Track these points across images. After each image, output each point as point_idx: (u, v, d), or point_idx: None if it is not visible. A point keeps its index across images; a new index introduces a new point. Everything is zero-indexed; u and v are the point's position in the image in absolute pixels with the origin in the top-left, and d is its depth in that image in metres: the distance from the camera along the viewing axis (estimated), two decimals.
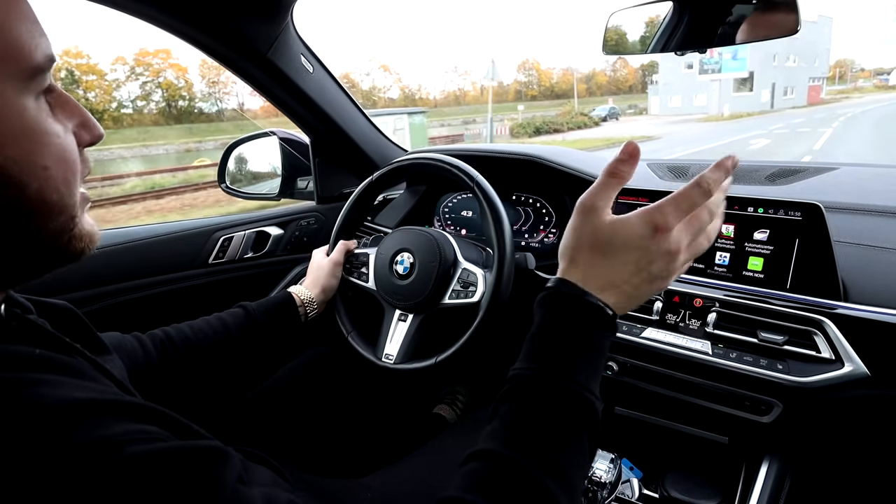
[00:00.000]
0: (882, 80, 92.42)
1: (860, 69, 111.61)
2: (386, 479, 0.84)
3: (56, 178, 0.42)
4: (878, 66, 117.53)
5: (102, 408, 0.39)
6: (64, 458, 0.34)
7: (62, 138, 0.44)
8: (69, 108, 0.46)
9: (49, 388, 0.38)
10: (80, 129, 0.47)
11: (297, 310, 0.99)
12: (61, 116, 0.45)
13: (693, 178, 0.53)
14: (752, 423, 0.91)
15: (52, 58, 0.43)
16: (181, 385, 0.85)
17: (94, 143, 0.49)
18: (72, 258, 0.48)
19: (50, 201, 0.42)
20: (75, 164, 0.45)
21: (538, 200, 1.24)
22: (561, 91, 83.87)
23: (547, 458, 0.47)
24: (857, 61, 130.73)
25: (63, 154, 0.43)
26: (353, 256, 1.09)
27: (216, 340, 0.89)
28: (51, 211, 0.43)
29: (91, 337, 0.60)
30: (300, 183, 1.54)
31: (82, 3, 0.86)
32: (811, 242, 0.84)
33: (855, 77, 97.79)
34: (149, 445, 0.37)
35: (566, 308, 0.54)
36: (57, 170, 0.42)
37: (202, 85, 51.86)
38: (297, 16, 1.15)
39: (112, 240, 1.13)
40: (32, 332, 0.46)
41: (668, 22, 0.94)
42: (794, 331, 0.84)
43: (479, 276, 0.95)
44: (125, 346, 0.79)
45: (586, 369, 0.52)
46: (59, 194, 0.43)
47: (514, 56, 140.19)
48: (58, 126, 0.44)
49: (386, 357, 0.99)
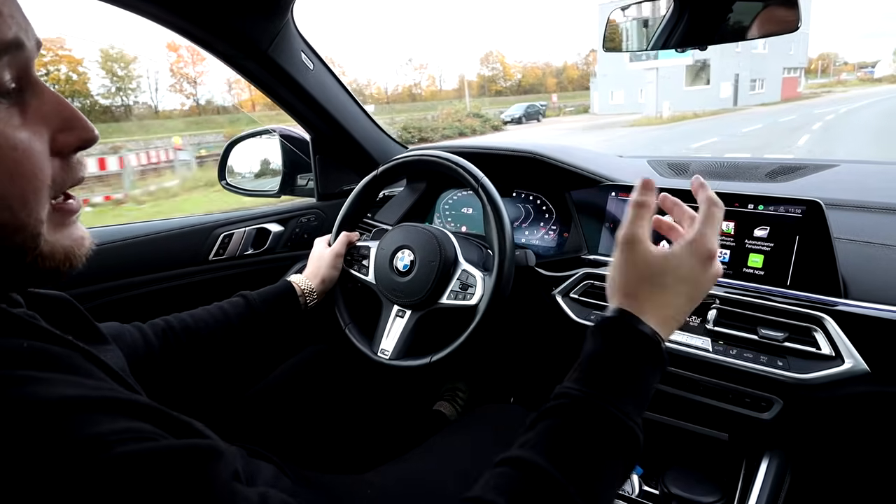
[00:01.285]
0: (867, 72, 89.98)
1: (843, 63, 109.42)
2: (387, 475, 0.84)
3: (6, 197, 0.38)
4: (861, 59, 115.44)
5: (92, 405, 0.37)
6: (52, 457, 0.33)
7: (19, 151, 0.38)
8: (48, 109, 0.41)
9: (38, 385, 0.37)
10: (61, 133, 0.42)
11: (297, 299, 0.99)
12: (35, 121, 0.40)
13: (707, 200, 0.59)
14: (753, 419, 0.91)
15: (8, 43, 0.38)
16: (182, 374, 0.85)
17: (84, 148, 0.44)
18: (47, 276, 0.44)
19: (0, 221, 0.38)
20: (34, 180, 0.40)
21: (539, 197, 1.24)
22: (529, 86, 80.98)
23: (583, 478, 0.48)
24: (841, 55, 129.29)
25: (18, 169, 0.38)
26: (354, 248, 1.10)
27: (217, 329, 0.89)
28: (2, 230, 0.39)
29: (88, 327, 0.59)
30: (300, 180, 1.54)
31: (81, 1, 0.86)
32: (811, 239, 0.84)
33: (838, 70, 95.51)
34: (139, 445, 0.36)
35: (626, 340, 0.55)
36: (7, 187, 0.38)
37: (106, 80, 48.27)
38: (297, 13, 1.15)
39: (112, 236, 1.13)
40: (22, 325, 0.43)
41: (667, 18, 0.94)
42: (795, 327, 0.84)
43: (479, 279, 0.95)
44: (125, 335, 0.78)
45: (635, 400, 0.53)
46: (11, 213, 0.38)
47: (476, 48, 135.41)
48: (19, 135, 0.39)
49: (381, 352, 1.00)
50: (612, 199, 1.07)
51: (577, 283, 1.05)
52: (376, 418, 1.16)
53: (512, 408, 1.08)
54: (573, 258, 1.10)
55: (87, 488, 0.33)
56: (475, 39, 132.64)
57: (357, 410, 1.10)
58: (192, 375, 0.86)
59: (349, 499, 0.78)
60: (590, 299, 1.04)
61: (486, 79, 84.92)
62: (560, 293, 1.06)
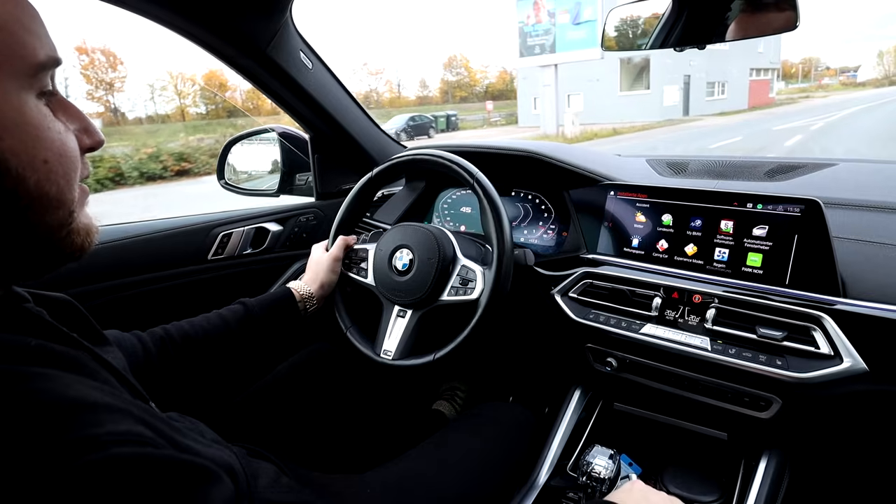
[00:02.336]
0: (850, 76, 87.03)
1: (825, 67, 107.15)
2: (386, 474, 0.84)
3: (56, 172, 0.43)
4: (843, 64, 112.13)
5: (96, 406, 0.39)
6: (52, 453, 0.34)
7: (63, 135, 0.45)
8: (70, 112, 0.48)
9: (44, 382, 0.38)
10: (81, 133, 0.48)
11: (296, 305, 0.99)
12: (63, 119, 0.46)
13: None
14: (751, 418, 0.91)
15: (55, 59, 0.44)
16: (182, 382, 0.85)
17: (95, 149, 0.50)
18: (70, 254, 0.48)
19: (49, 194, 0.43)
20: (75, 161, 0.46)
21: (537, 196, 1.24)
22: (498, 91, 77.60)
23: None
24: (823, 59, 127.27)
25: (63, 150, 0.44)
26: (352, 252, 1.09)
27: (216, 337, 0.89)
28: (49, 204, 0.43)
29: (90, 328, 0.60)
30: (299, 179, 1.53)
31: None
32: (810, 238, 0.84)
33: (820, 75, 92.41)
34: (137, 448, 0.38)
35: None
36: (57, 164, 0.43)
37: None
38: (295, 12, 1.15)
39: (111, 236, 1.12)
40: (30, 322, 0.46)
41: (666, 18, 0.94)
42: (793, 327, 0.84)
43: (478, 273, 0.95)
44: (124, 344, 0.79)
45: None
46: (59, 188, 0.44)
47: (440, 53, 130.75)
48: (59, 124, 0.45)
49: (384, 353, 1.00)
50: (610, 199, 1.07)
51: (575, 282, 1.06)
52: (376, 417, 1.16)
53: (511, 407, 1.08)
54: (572, 257, 1.10)
55: (84, 486, 0.34)
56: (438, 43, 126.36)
57: (357, 410, 1.10)
58: (190, 383, 0.86)
59: (349, 498, 0.78)
60: (588, 298, 1.04)
61: (451, 84, 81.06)
62: (559, 292, 1.07)
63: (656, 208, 1.01)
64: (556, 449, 1.07)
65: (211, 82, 30.10)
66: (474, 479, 0.89)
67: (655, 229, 1.00)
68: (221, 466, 0.45)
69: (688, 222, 0.97)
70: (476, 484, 0.88)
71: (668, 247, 0.99)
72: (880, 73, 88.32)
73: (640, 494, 0.73)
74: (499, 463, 0.95)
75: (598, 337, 1.02)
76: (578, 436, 1.12)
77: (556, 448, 1.07)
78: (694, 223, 0.96)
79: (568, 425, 1.11)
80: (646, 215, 1.02)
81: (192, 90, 28.01)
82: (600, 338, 1.02)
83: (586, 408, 1.16)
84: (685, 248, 0.97)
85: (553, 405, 1.19)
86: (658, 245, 1.00)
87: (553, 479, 1.03)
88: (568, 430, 1.11)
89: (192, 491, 0.39)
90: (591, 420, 1.15)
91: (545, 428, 1.12)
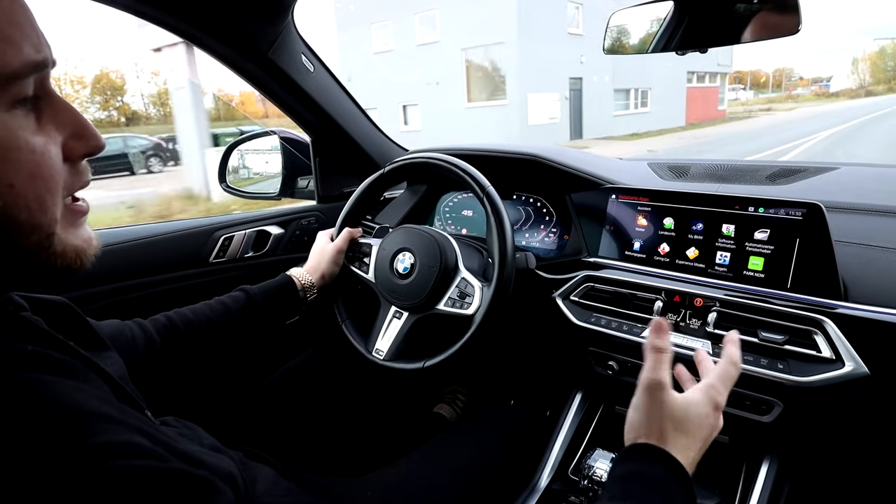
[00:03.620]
0: (822, 86, 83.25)
1: (799, 77, 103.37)
2: (386, 477, 0.84)
3: (24, 196, 0.40)
4: (817, 75, 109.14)
5: (94, 414, 0.38)
6: (46, 464, 0.34)
7: (38, 154, 0.41)
8: (62, 116, 0.44)
9: (41, 388, 0.37)
10: (73, 140, 0.44)
11: (297, 293, 0.99)
12: (50, 127, 0.42)
13: (728, 357, 0.63)
14: (753, 422, 0.91)
15: (34, 64, 0.40)
16: (185, 368, 0.85)
17: (92, 155, 0.47)
18: (62, 272, 0.45)
19: (18, 220, 0.40)
20: (50, 181, 0.42)
21: (539, 199, 1.24)
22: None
23: None
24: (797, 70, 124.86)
25: (36, 171, 0.40)
26: (356, 245, 1.10)
27: (217, 323, 0.89)
28: (20, 229, 0.40)
29: (88, 333, 0.59)
30: (301, 182, 1.54)
31: (82, 1, 0.87)
32: (812, 242, 0.84)
33: (793, 85, 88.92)
34: (136, 461, 0.37)
35: (662, 463, 0.56)
36: (26, 187, 0.40)
37: None
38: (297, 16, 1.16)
39: (113, 239, 1.13)
40: (26, 330, 0.45)
41: (668, 22, 0.94)
42: (795, 330, 0.84)
43: (477, 289, 0.95)
44: (126, 332, 0.79)
45: None
46: (29, 213, 0.40)
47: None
48: (36, 139, 0.41)
49: (376, 352, 1.00)
50: (612, 202, 1.07)
51: (577, 285, 1.06)
52: (376, 420, 1.16)
53: (512, 410, 1.08)
54: (573, 261, 1.10)
55: (81, 497, 0.34)
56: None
57: (357, 413, 1.10)
58: (193, 370, 0.86)
59: (349, 500, 0.78)
60: (590, 302, 1.04)
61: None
62: (560, 296, 1.07)
63: (658, 212, 1.01)
64: (558, 452, 1.07)
65: (100, 85, 26.34)
66: (475, 482, 0.88)
67: (657, 233, 1.00)
68: (221, 475, 0.45)
69: (689, 226, 0.97)
70: (477, 487, 0.88)
71: (669, 250, 0.98)
72: (854, 82, 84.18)
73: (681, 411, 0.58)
74: (500, 466, 0.94)
75: (599, 340, 1.02)
76: (580, 439, 1.12)
77: (557, 451, 1.07)
78: (695, 227, 0.96)
79: (569, 429, 1.11)
80: (647, 219, 1.02)
81: (79, 94, 24.51)
82: (601, 341, 1.02)
83: (588, 411, 1.15)
84: (687, 252, 0.97)
85: (554, 408, 1.19)
86: (659, 248, 0.99)
87: (554, 483, 1.03)
88: (569, 433, 1.10)
89: (194, 502, 0.38)
90: (592, 423, 1.15)
91: (546, 431, 1.11)
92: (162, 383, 0.80)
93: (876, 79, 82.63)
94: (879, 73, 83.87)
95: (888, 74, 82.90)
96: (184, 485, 0.38)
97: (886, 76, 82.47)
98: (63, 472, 0.34)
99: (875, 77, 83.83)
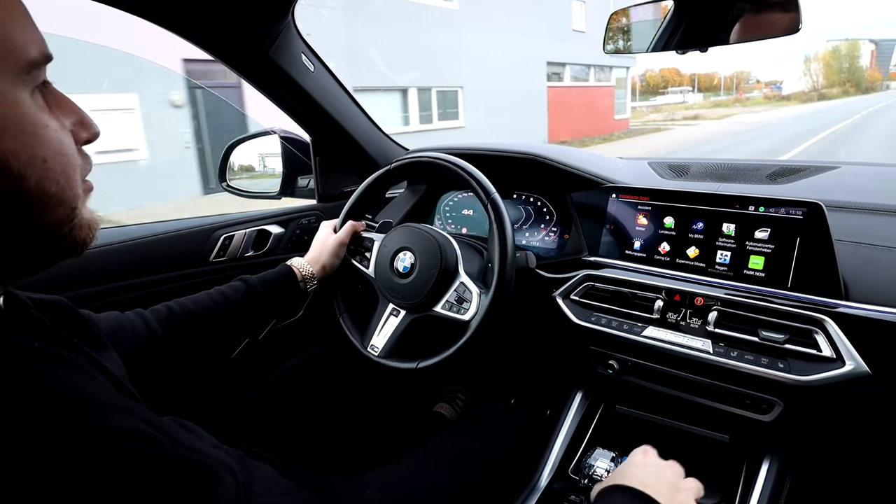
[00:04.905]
0: (774, 89, 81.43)
1: (756, 81, 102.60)
2: (386, 476, 0.84)
3: (55, 171, 0.43)
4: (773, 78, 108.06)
5: (102, 404, 0.39)
6: (60, 449, 0.35)
7: (59, 132, 0.44)
8: (65, 106, 0.47)
9: (50, 379, 0.39)
10: (77, 127, 0.48)
11: (297, 284, 1.00)
12: (58, 113, 0.46)
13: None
14: (753, 421, 0.91)
15: (46, 53, 0.43)
16: (186, 358, 0.86)
17: (92, 141, 0.50)
18: (72, 249, 0.48)
19: (49, 193, 0.43)
20: (74, 158, 0.46)
21: (539, 199, 1.24)
22: None
23: None
24: (754, 73, 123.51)
25: (61, 147, 0.44)
26: (358, 239, 1.10)
27: (217, 312, 0.90)
28: (49, 202, 0.43)
29: (88, 333, 0.60)
30: (301, 181, 1.54)
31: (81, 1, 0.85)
32: (812, 241, 0.84)
33: (749, 88, 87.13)
34: (145, 445, 0.38)
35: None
36: (55, 162, 0.43)
37: None
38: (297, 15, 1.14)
39: (113, 238, 1.13)
40: (32, 326, 0.47)
41: (668, 20, 0.94)
42: (795, 329, 0.84)
43: (475, 295, 0.94)
44: (126, 324, 0.79)
45: None
46: (59, 186, 0.44)
47: None
48: (54, 121, 0.44)
49: (371, 348, 1.00)
50: (612, 201, 1.07)
51: (577, 284, 1.05)
52: (376, 420, 1.16)
53: (512, 409, 1.08)
54: (574, 260, 1.10)
55: (92, 481, 0.35)
56: None
57: (356, 412, 1.10)
58: (194, 362, 0.87)
59: (348, 499, 0.78)
60: (590, 301, 1.04)
61: None
62: (560, 295, 1.06)
63: (658, 211, 1.00)
64: (558, 451, 1.07)
65: None
66: (475, 481, 0.88)
67: (657, 232, 1.00)
68: (223, 465, 0.46)
69: (690, 225, 0.96)
70: (477, 487, 0.88)
71: (669, 249, 0.98)
72: (807, 84, 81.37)
73: (651, 467, 0.74)
74: (500, 465, 0.94)
75: (599, 339, 1.02)
76: (580, 438, 1.12)
77: (557, 451, 1.07)
78: (696, 226, 0.96)
79: (569, 428, 1.11)
80: (647, 218, 1.02)
81: None
82: (602, 340, 1.02)
83: (588, 410, 1.15)
84: (687, 251, 0.96)
85: (554, 408, 1.19)
86: (660, 248, 0.99)
87: (554, 482, 1.03)
88: (569, 432, 1.10)
89: (198, 488, 0.39)
90: (592, 422, 1.15)
91: (546, 430, 1.11)
92: (162, 377, 0.81)
93: (829, 80, 79.93)
94: (833, 75, 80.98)
95: (842, 76, 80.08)
96: (188, 469, 0.40)
97: (840, 78, 79.71)
98: (74, 456, 0.35)
99: (829, 79, 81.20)
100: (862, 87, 77.86)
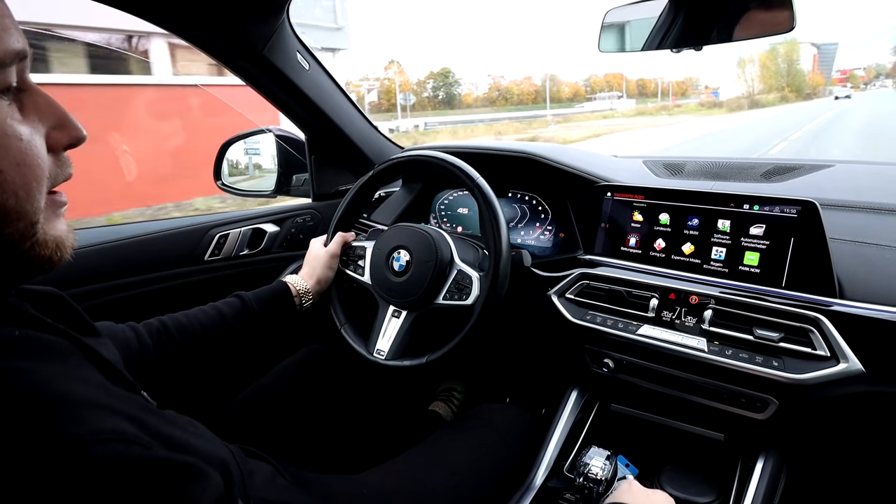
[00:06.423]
0: (711, 94, 78.84)
1: (704, 86, 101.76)
2: (382, 475, 0.84)
3: (12, 183, 0.40)
4: (716, 84, 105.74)
5: (79, 402, 0.38)
6: (27, 452, 0.34)
7: (24, 142, 0.41)
8: (44, 108, 0.44)
9: (28, 376, 0.37)
10: (55, 130, 0.45)
11: (292, 300, 0.99)
12: (33, 117, 0.43)
13: None
14: (748, 419, 0.91)
15: (17, 53, 0.41)
16: (177, 374, 0.84)
17: (75, 145, 0.47)
18: (38, 267, 0.45)
19: (5, 206, 0.40)
20: (37, 169, 0.42)
21: (534, 197, 1.24)
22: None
23: None
24: (703, 80, 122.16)
25: (23, 158, 0.41)
26: (350, 249, 1.09)
27: (211, 329, 0.89)
28: (7, 216, 0.41)
29: (79, 320, 0.58)
30: (296, 180, 1.53)
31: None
32: (807, 240, 0.85)
33: (689, 94, 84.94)
34: (119, 447, 0.37)
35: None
36: (13, 174, 0.40)
37: None
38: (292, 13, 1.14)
39: (107, 236, 1.12)
40: (11, 314, 0.44)
41: (663, 19, 0.94)
42: (790, 328, 0.84)
43: (475, 279, 0.95)
44: (118, 335, 0.78)
45: None
46: (16, 200, 0.41)
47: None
48: (22, 128, 0.41)
49: (377, 352, 1.00)
50: (607, 200, 1.07)
51: (572, 283, 1.05)
52: (372, 418, 1.16)
53: (508, 408, 1.08)
54: (569, 258, 1.10)
55: (62, 485, 0.34)
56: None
57: (353, 410, 1.10)
58: (186, 376, 0.86)
59: (345, 498, 0.78)
60: (585, 299, 1.04)
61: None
62: (556, 293, 1.06)
63: (653, 209, 1.01)
64: (553, 450, 1.07)
65: None
66: (471, 480, 0.88)
67: (652, 229, 1.00)
68: (214, 462, 0.45)
69: (685, 221, 0.97)
70: (472, 485, 0.88)
71: (665, 246, 0.99)
72: (743, 88, 76.54)
73: (641, 494, 0.74)
74: (495, 464, 0.94)
75: (594, 338, 1.02)
76: (575, 437, 1.12)
77: (552, 449, 1.07)
78: (691, 222, 0.96)
79: (565, 426, 1.11)
80: (642, 216, 1.02)
81: None
82: (597, 339, 1.02)
83: (583, 409, 1.15)
84: (682, 247, 0.97)
85: (550, 406, 1.19)
86: (655, 244, 1.00)
87: (550, 481, 1.03)
88: (565, 431, 1.10)
89: (176, 490, 0.38)
90: (588, 421, 1.15)
91: (542, 429, 1.11)
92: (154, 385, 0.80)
93: (767, 84, 74.92)
94: (770, 78, 75.70)
95: (780, 80, 74.12)
96: (166, 473, 0.38)
97: (778, 82, 73.97)
98: (45, 462, 0.34)
99: (766, 82, 76.27)
100: (803, 93, 73.50)
